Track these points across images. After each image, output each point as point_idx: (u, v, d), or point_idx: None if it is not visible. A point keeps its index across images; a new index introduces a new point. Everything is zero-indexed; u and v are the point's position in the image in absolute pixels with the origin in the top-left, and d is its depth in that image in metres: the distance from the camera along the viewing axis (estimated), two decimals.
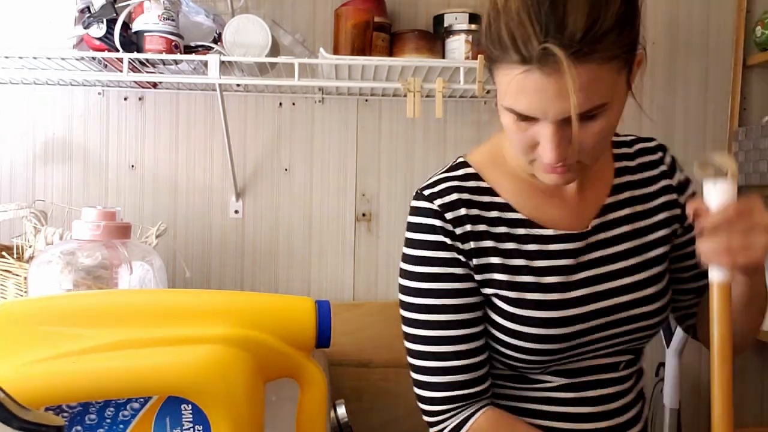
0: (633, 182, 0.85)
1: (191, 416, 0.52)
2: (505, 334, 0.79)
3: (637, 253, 0.83)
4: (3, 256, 1.20)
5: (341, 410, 0.90)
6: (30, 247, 1.22)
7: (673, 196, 0.86)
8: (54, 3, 1.25)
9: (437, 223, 0.79)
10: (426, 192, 0.82)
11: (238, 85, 1.52)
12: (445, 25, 1.42)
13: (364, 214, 1.59)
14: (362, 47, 1.33)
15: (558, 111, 0.67)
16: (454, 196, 0.80)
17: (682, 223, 0.87)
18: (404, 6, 1.57)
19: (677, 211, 0.86)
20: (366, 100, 1.59)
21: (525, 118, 0.70)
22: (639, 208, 0.84)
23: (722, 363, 0.71)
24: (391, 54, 1.40)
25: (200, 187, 1.56)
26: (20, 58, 1.26)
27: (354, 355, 1.56)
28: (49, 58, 1.27)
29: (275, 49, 1.32)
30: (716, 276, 0.70)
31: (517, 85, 0.68)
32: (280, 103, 1.57)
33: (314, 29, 1.56)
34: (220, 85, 1.30)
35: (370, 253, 1.60)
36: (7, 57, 1.25)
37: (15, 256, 1.22)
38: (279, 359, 0.57)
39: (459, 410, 0.80)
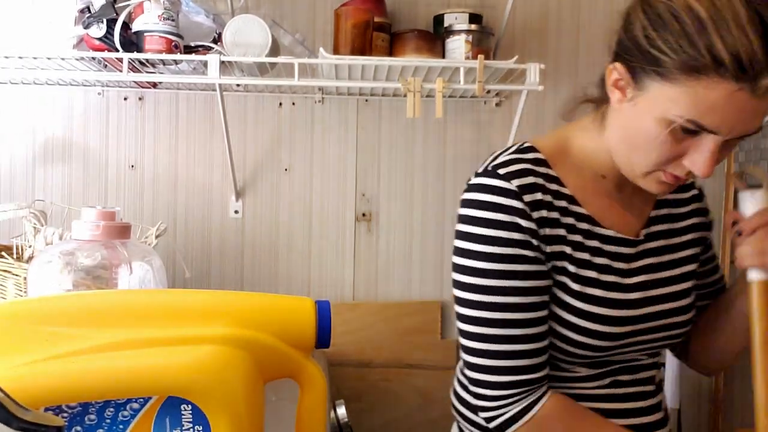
0: (669, 200, 0.89)
1: (191, 416, 0.52)
2: (560, 325, 0.80)
3: (674, 266, 0.87)
4: (3, 256, 1.20)
5: (341, 410, 0.90)
6: (30, 247, 1.22)
7: (702, 218, 0.91)
8: (54, 3, 1.25)
9: (514, 203, 0.76)
10: (501, 171, 0.78)
11: (237, 85, 1.52)
12: (445, 25, 1.42)
13: (364, 214, 1.59)
14: (362, 47, 1.33)
15: (742, 130, 0.70)
16: (531, 179, 0.78)
17: (707, 247, 0.92)
18: (404, 6, 1.57)
19: (705, 234, 0.92)
20: (366, 100, 1.59)
21: (690, 132, 0.70)
22: (674, 225, 0.89)
23: (764, 356, 0.79)
24: (391, 54, 1.40)
25: (200, 187, 1.56)
26: (20, 58, 1.26)
27: (354, 355, 1.56)
28: (49, 58, 1.27)
29: (275, 49, 1.32)
30: (755, 276, 0.78)
31: (719, 100, 0.67)
32: (280, 103, 1.57)
33: (314, 29, 1.56)
34: (220, 85, 1.30)
35: (370, 253, 1.60)
36: (7, 57, 1.25)
37: (15, 256, 1.22)
38: (279, 359, 0.57)
39: (521, 396, 0.77)
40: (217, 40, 1.37)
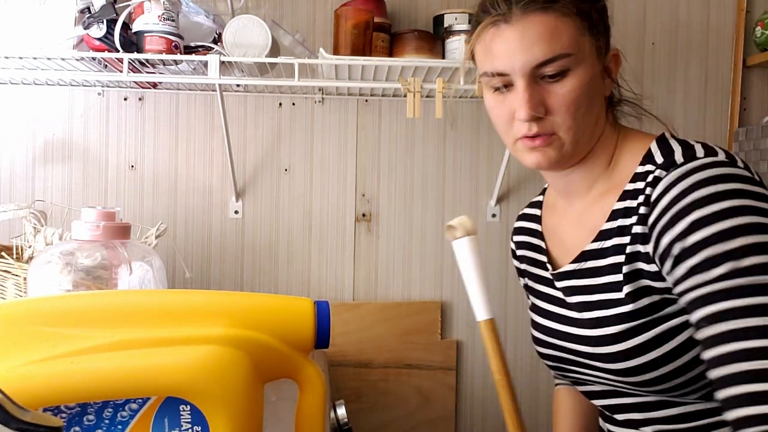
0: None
1: (190, 417, 0.52)
2: None
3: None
4: (2, 257, 1.20)
5: (341, 411, 0.90)
6: (29, 247, 1.22)
7: (626, 239, 0.76)
8: (54, 3, 1.25)
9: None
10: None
11: (237, 85, 1.52)
12: (445, 25, 1.42)
13: (364, 215, 1.59)
14: (362, 47, 1.33)
15: (525, 60, 0.74)
16: None
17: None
18: (404, 6, 1.57)
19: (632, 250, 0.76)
20: (366, 101, 1.59)
21: (498, 89, 0.77)
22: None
23: (504, 392, 0.76)
24: (391, 54, 1.39)
25: (200, 187, 1.56)
26: (20, 58, 1.26)
27: (354, 356, 1.56)
28: (49, 59, 1.27)
29: (275, 50, 1.32)
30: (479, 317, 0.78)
31: (489, 44, 0.76)
32: (280, 104, 1.57)
33: (314, 29, 1.56)
34: (220, 85, 1.30)
35: (370, 253, 1.60)
36: (7, 57, 1.25)
37: (14, 256, 1.22)
38: (278, 360, 0.57)
39: None
40: (217, 40, 1.37)
